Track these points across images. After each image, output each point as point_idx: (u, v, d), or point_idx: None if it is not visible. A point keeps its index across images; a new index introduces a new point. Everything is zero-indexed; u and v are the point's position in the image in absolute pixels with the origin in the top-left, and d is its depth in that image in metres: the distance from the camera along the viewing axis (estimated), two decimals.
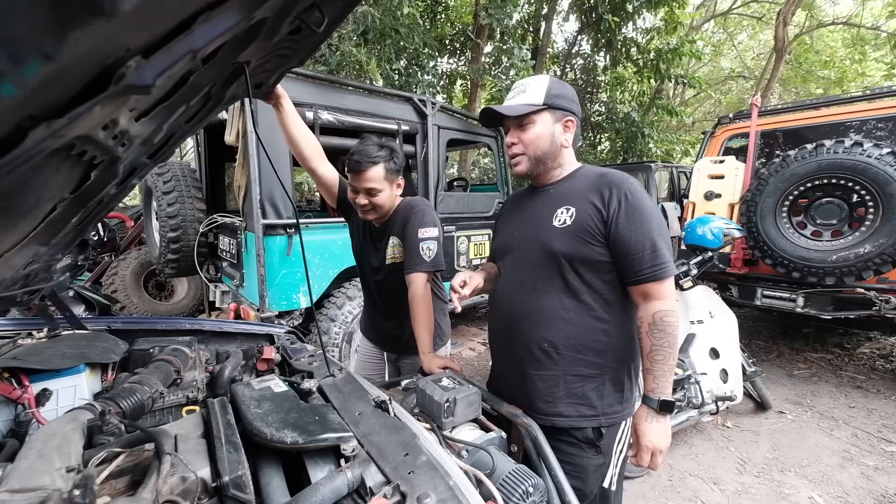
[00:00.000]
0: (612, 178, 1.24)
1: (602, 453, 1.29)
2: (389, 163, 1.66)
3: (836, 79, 14.09)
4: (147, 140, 0.90)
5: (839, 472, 2.68)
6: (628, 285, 1.23)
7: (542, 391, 1.29)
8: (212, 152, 4.39)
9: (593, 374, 1.27)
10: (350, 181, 1.68)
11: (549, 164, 1.32)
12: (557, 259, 1.24)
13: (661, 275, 1.17)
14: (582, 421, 1.27)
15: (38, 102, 0.42)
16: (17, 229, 0.80)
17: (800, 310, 3.59)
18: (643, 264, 1.17)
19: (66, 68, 0.40)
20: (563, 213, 1.26)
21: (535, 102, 1.26)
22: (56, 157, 0.65)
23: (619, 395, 1.30)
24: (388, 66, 6.00)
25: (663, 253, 1.18)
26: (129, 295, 4.64)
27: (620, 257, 1.20)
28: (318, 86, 3.22)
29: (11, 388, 1.01)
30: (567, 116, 1.29)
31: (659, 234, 1.19)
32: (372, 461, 0.85)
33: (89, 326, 1.40)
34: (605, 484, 1.32)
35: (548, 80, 1.29)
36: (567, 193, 1.29)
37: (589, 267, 1.23)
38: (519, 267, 1.36)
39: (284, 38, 0.98)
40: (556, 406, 1.28)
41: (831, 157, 3.17)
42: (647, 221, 1.18)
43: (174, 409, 1.22)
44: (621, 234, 1.18)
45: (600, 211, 1.21)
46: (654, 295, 1.19)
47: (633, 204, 1.19)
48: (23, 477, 0.65)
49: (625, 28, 8.30)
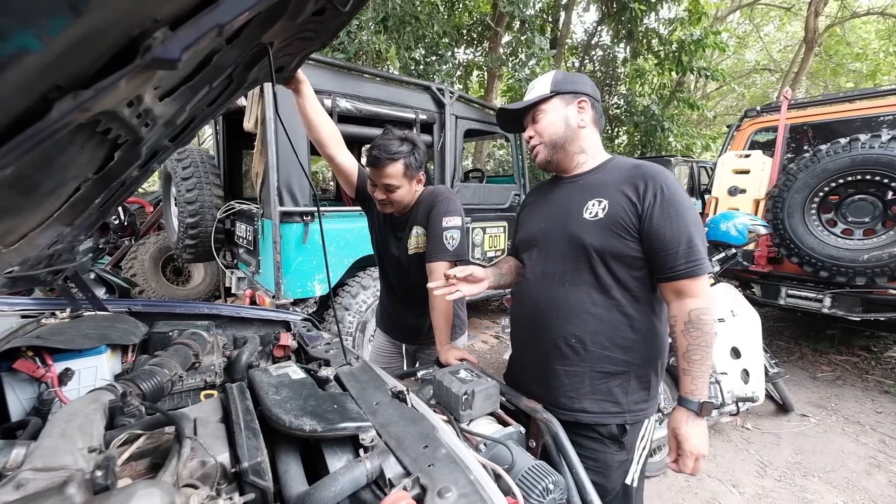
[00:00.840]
0: (648, 170, 1.20)
1: (625, 449, 1.27)
2: (410, 158, 1.62)
3: (869, 72, 13.61)
4: (170, 121, 0.89)
5: (866, 478, 2.59)
6: (661, 281, 1.20)
7: (567, 387, 1.27)
8: (230, 139, 4.42)
9: (619, 370, 1.24)
10: (369, 174, 1.66)
11: (568, 148, 1.29)
12: (588, 252, 1.21)
13: (696, 271, 1.14)
14: (607, 417, 1.24)
15: (64, 70, 0.41)
16: (42, 208, 0.80)
17: (826, 310, 3.49)
18: (678, 260, 1.14)
19: (93, 34, 0.39)
20: (595, 205, 1.22)
21: (541, 94, 1.27)
22: (81, 134, 0.64)
23: (646, 393, 1.27)
24: (407, 54, 5.95)
25: (699, 248, 1.15)
26: (148, 279, 4.72)
27: (654, 252, 1.16)
28: (337, 73, 3.20)
29: (35, 366, 1.02)
30: (579, 98, 1.27)
31: (695, 229, 1.15)
32: (391, 452, 0.83)
33: (110, 308, 1.41)
34: (628, 481, 1.30)
35: (554, 72, 1.31)
36: (598, 185, 1.25)
37: (620, 262, 1.20)
38: (546, 259, 1.31)
39: (308, 19, 0.96)
40: (580, 402, 1.25)
41: (867, 153, 3.04)
42: (683, 216, 1.14)
43: (192, 393, 1.23)
44: (656, 228, 1.15)
45: (635, 204, 1.17)
46: (689, 292, 1.16)
47: (669, 197, 1.15)
48: (46, 456, 0.65)
49: (647, 18, 8.10)
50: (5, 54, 0.32)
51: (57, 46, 0.35)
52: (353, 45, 5.43)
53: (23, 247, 0.85)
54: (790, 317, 5.43)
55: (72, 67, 0.41)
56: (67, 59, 0.38)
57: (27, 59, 0.33)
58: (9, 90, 0.36)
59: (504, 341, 4.67)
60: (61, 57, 0.37)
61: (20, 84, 0.37)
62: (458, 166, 3.87)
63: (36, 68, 0.36)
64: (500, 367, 4.00)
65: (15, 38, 0.32)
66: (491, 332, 5.04)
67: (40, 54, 0.34)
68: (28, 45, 0.32)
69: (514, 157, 4.71)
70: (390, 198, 1.65)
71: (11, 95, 0.38)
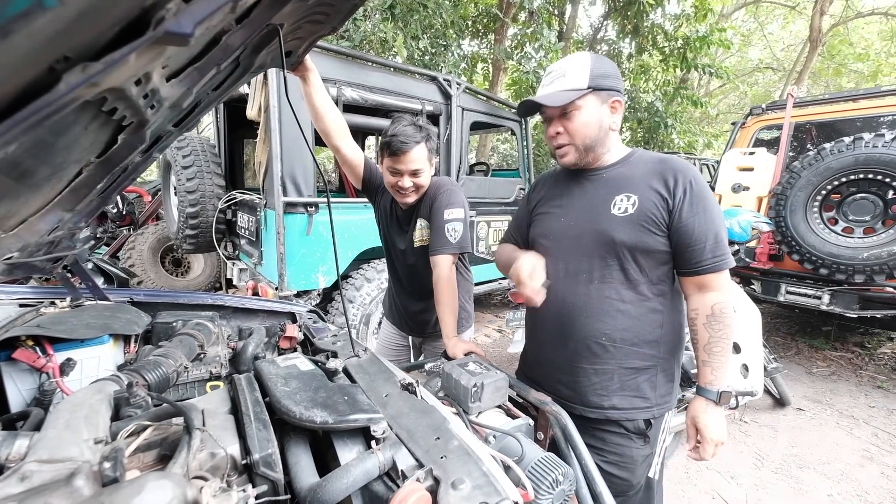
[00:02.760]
0: (676, 164, 1.18)
1: (650, 444, 1.27)
2: (429, 142, 1.61)
3: (871, 72, 13.60)
4: (176, 104, 0.87)
5: (858, 470, 2.64)
6: (684, 276, 1.19)
7: (597, 385, 1.25)
8: (230, 128, 4.36)
9: (647, 365, 1.23)
10: (390, 164, 1.60)
11: (598, 150, 1.23)
12: (617, 249, 1.19)
13: (721, 265, 1.14)
14: (636, 413, 1.23)
15: (74, 39, 0.38)
16: (42, 192, 0.77)
17: (825, 307, 3.50)
18: (705, 255, 1.13)
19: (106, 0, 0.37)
20: (624, 200, 1.19)
21: (578, 87, 1.15)
22: (86, 112, 0.62)
23: (671, 386, 1.28)
24: (414, 43, 5.88)
25: (725, 243, 1.15)
26: (146, 269, 4.68)
27: (683, 247, 1.15)
28: (343, 61, 3.15)
29: (35, 356, 1.00)
30: (614, 97, 1.19)
31: (721, 225, 1.16)
32: (402, 444, 0.82)
33: (112, 298, 1.38)
34: (651, 474, 1.31)
35: (589, 58, 1.18)
36: (625, 179, 1.21)
37: (649, 257, 1.18)
38: (570, 257, 1.27)
39: (320, 1, 0.94)
40: (610, 399, 1.24)
41: (870, 152, 3.05)
42: (710, 211, 1.14)
43: (197, 384, 1.21)
44: (685, 223, 1.14)
45: (665, 199, 1.15)
46: (713, 286, 1.16)
47: (698, 193, 1.14)
48: (51, 447, 0.63)
49: (653, 14, 8.05)
50: (19, 9, 0.29)
51: (70, 8, 0.32)
52: (359, 33, 5.36)
53: (22, 232, 0.82)
54: (788, 313, 5.47)
55: (81, 37, 0.39)
56: (78, 26, 0.36)
57: (39, 20, 0.31)
58: (16, 56, 0.34)
59: (507, 335, 4.66)
60: (72, 23, 0.35)
61: (29, 50, 0.34)
62: (464, 159, 3.84)
63: (46, 33, 0.34)
64: (502, 361, 4.01)
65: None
66: (494, 326, 5.03)
67: (52, 16, 0.32)
68: (44, 1, 0.30)
69: (519, 151, 4.67)
70: (416, 183, 1.63)
71: (19, 63, 0.36)
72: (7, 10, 0.29)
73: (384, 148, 1.59)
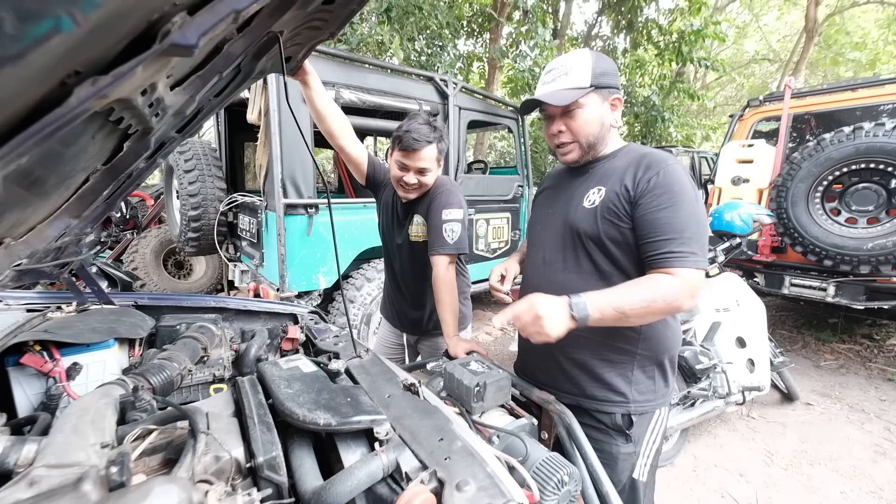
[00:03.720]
0: (652, 157, 1.15)
1: (632, 442, 1.25)
2: (441, 143, 1.64)
3: (869, 61, 13.54)
4: (179, 111, 0.87)
5: (871, 466, 2.60)
6: (649, 268, 1.11)
7: (569, 372, 1.27)
8: (231, 131, 4.38)
9: (623, 360, 1.22)
10: (399, 158, 1.62)
11: (598, 147, 1.23)
12: (582, 240, 1.20)
13: (677, 262, 1.05)
14: (609, 406, 1.23)
15: (85, 54, 0.39)
16: (51, 200, 0.79)
17: (830, 299, 3.48)
18: (661, 248, 1.06)
19: (117, 16, 0.37)
20: (595, 193, 1.19)
21: (581, 85, 1.15)
22: (94, 123, 0.63)
23: (651, 384, 1.25)
24: (410, 44, 5.90)
25: (693, 241, 1.06)
26: (149, 273, 4.70)
27: (640, 238, 1.11)
28: (340, 64, 3.17)
29: (43, 360, 1.01)
30: (614, 94, 1.20)
31: (692, 222, 1.07)
32: (406, 446, 0.83)
33: (116, 302, 1.40)
34: (636, 475, 1.28)
35: (589, 56, 1.17)
36: (604, 173, 1.22)
37: (620, 248, 1.16)
38: (546, 246, 1.31)
39: (319, 8, 0.94)
40: (581, 387, 1.25)
41: (870, 141, 3.03)
42: (677, 205, 1.07)
43: (201, 387, 1.22)
44: (644, 214, 1.10)
45: (629, 191, 1.13)
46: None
47: (663, 185, 1.08)
48: (58, 452, 0.64)
49: (647, 9, 8.03)
50: (39, 34, 0.30)
51: (84, 28, 0.33)
52: (356, 36, 5.38)
53: (31, 239, 0.83)
54: (793, 306, 5.43)
55: (92, 52, 0.40)
56: (89, 42, 0.37)
57: (55, 40, 0.32)
58: (31, 73, 0.35)
59: (508, 333, 4.67)
60: (84, 40, 0.36)
61: (42, 68, 0.35)
62: (461, 157, 3.84)
63: (60, 51, 0.35)
64: (504, 359, 4.01)
65: (50, 16, 0.30)
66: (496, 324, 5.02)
67: (66, 35, 0.32)
68: (62, 25, 0.31)
69: (517, 148, 4.67)
70: (421, 181, 1.65)
71: (33, 79, 0.37)
72: (28, 34, 0.30)
73: (396, 141, 1.61)
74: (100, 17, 0.34)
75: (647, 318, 1.08)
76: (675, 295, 1.03)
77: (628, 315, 1.03)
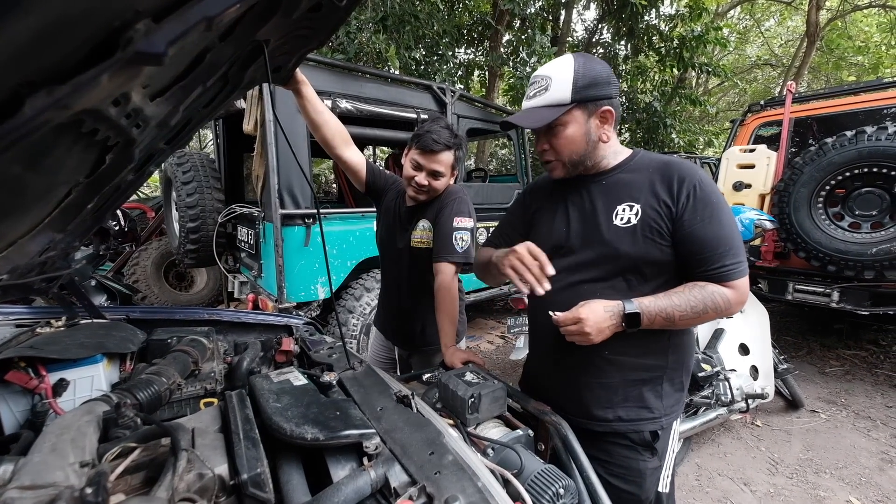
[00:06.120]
0: (681, 167, 1.10)
1: (658, 456, 1.21)
2: (459, 151, 1.63)
3: (871, 65, 13.54)
4: (163, 123, 0.86)
5: (878, 474, 2.55)
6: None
7: (601, 398, 1.20)
8: (230, 142, 4.39)
9: (654, 376, 1.19)
10: (415, 157, 1.62)
11: (588, 162, 1.17)
12: (622, 262, 1.12)
13: (730, 275, 1.06)
14: (642, 424, 1.18)
15: (33, 63, 0.38)
16: (31, 214, 0.77)
17: (835, 305, 3.43)
18: (713, 263, 1.06)
19: (63, 23, 0.36)
20: (626, 210, 1.12)
21: (560, 101, 1.08)
22: (65, 135, 0.61)
23: (679, 395, 1.23)
24: (408, 54, 5.93)
25: (738, 251, 1.07)
26: (150, 285, 4.70)
27: (688, 256, 1.08)
28: (337, 74, 3.19)
29: (28, 377, 0.99)
30: (603, 106, 1.11)
31: (733, 231, 1.08)
32: (396, 460, 0.81)
33: (107, 316, 1.38)
34: (661, 488, 1.25)
35: (571, 65, 1.09)
36: (627, 186, 1.14)
37: (655, 268, 1.12)
38: (574, 268, 1.19)
39: (304, 16, 0.94)
40: (615, 411, 1.19)
41: (873, 145, 3.01)
42: (719, 217, 1.06)
43: (192, 401, 1.20)
44: (690, 231, 1.06)
45: (668, 207, 1.08)
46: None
47: (703, 198, 1.06)
48: (34, 472, 0.63)
49: (647, 15, 8.05)
50: None
51: (23, 32, 0.32)
52: (353, 46, 5.41)
53: (12, 254, 0.82)
54: (797, 312, 5.39)
55: (42, 61, 0.38)
56: (34, 50, 0.36)
57: None
58: None
59: (510, 342, 4.63)
60: (30, 46, 0.34)
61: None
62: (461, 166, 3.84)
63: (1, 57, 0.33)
64: (506, 368, 3.97)
65: None
66: (496, 333, 5.00)
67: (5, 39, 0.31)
68: None
69: (516, 156, 4.68)
70: (432, 184, 1.64)
71: None
72: None
73: (415, 139, 1.61)
74: (41, 24, 0.33)
75: (693, 324, 1.10)
76: (727, 304, 1.07)
77: (676, 323, 1.07)
